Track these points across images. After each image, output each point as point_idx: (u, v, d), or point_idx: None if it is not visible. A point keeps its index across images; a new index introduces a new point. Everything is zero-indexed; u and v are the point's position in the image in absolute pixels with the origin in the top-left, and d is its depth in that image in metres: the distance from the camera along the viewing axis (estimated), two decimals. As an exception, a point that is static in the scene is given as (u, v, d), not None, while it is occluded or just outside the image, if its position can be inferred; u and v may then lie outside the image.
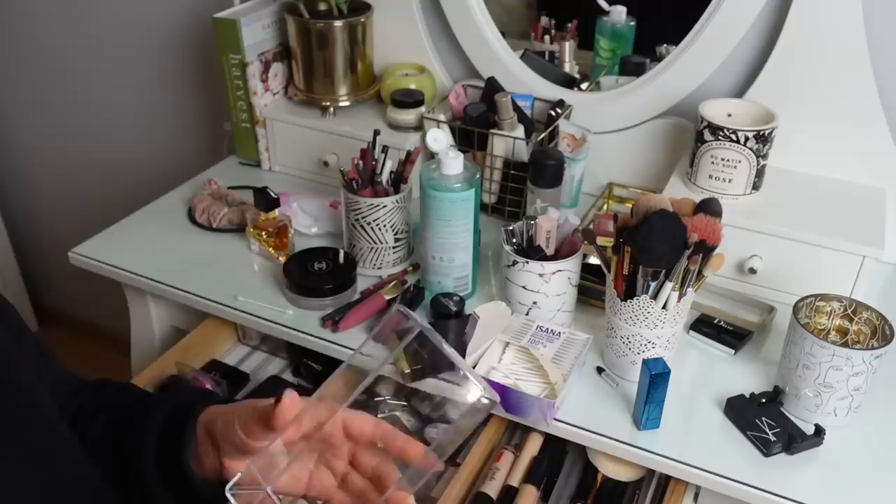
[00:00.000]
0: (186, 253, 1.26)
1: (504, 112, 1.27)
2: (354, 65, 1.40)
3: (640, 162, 1.34)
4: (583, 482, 1.04)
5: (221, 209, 1.32)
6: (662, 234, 0.91)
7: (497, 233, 1.12)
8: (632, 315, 0.95)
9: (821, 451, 0.92)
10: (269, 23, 1.42)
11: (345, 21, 1.36)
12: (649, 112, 1.30)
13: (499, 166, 1.30)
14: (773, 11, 1.17)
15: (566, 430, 0.95)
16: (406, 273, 1.20)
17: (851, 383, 0.91)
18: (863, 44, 1.10)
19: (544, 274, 1.02)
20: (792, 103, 1.17)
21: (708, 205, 0.96)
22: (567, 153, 1.26)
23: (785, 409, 0.96)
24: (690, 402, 0.99)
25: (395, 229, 1.16)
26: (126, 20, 1.80)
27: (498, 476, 1.01)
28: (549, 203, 1.18)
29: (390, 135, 1.35)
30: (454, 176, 1.07)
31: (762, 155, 1.12)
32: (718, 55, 1.21)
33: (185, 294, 1.17)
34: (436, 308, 1.09)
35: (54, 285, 2.48)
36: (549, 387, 0.96)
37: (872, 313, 0.95)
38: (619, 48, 1.36)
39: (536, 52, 1.40)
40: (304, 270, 1.15)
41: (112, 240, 1.29)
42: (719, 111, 1.17)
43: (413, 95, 1.36)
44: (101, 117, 2.00)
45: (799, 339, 0.92)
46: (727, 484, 0.88)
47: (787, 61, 1.16)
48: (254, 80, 1.41)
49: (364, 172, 1.15)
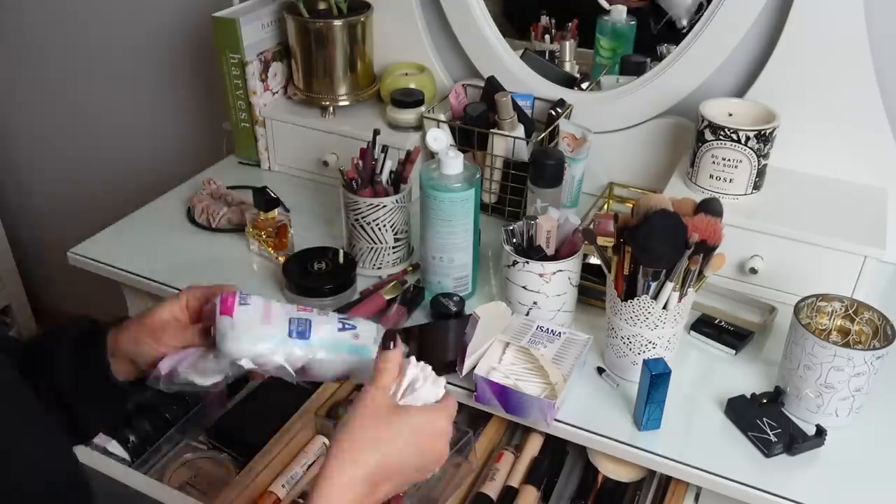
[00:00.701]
0: (186, 253, 1.26)
1: (504, 112, 1.26)
2: (354, 64, 1.40)
3: (641, 162, 1.34)
4: (583, 483, 1.04)
5: (221, 209, 1.31)
6: (663, 234, 0.91)
7: (497, 233, 1.12)
8: (632, 315, 0.95)
9: (822, 451, 0.91)
10: (268, 22, 1.42)
11: (344, 20, 1.35)
12: (650, 112, 1.29)
13: (499, 166, 1.30)
14: (774, 11, 1.17)
15: (566, 431, 0.95)
16: (406, 273, 1.20)
17: (853, 384, 0.90)
18: (864, 43, 1.10)
19: (544, 274, 1.02)
20: (793, 103, 1.16)
21: (709, 205, 0.95)
22: (567, 153, 1.26)
23: (786, 410, 0.96)
24: (691, 402, 0.98)
25: (394, 229, 1.16)
26: (125, 20, 1.79)
27: (498, 477, 1.00)
28: (550, 203, 1.17)
29: (390, 134, 1.35)
30: (454, 176, 1.06)
31: (763, 155, 1.12)
32: (719, 54, 1.21)
33: (184, 294, 1.17)
34: (436, 308, 1.09)
35: (53, 285, 2.48)
36: (549, 387, 0.96)
37: (874, 313, 0.95)
38: (620, 47, 1.36)
39: (537, 52, 1.40)
40: (304, 270, 1.15)
41: (111, 240, 1.29)
42: (720, 111, 1.17)
43: (413, 95, 1.35)
44: (100, 117, 2.00)
45: (800, 339, 0.92)
46: (728, 485, 0.88)
47: (788, 61, 1.16)
48: (253, 79, 1.41)
49: (364, 172, 1.15)
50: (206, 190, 1.38)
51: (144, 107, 1.91)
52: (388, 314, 1.09)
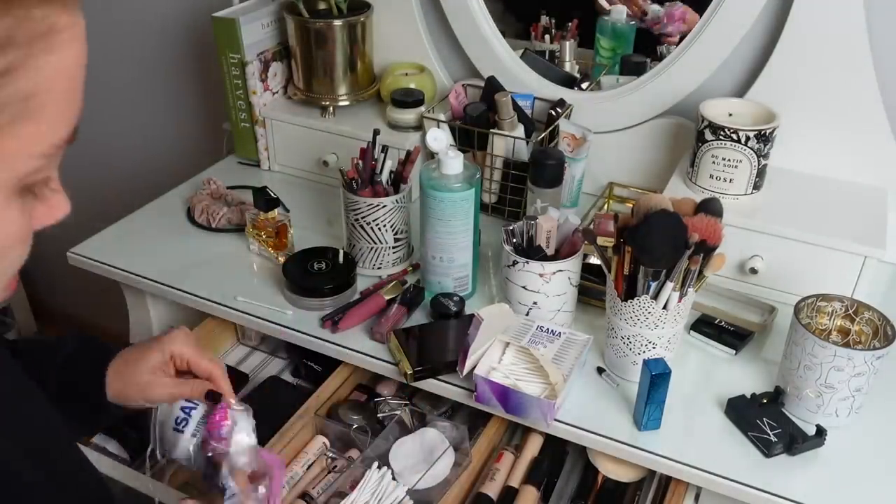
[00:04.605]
0: (185, 253, 1.26)
1: (504, 112, 1.26)
2: (354, 64, 1.40)
3: (641, 162, 1.34)
4: (583, 483, 1.04)
5: (221, 209, 1.31)
6: (663, 234, 0.91)
7: (497, 233, 1.12)
8: (632, 315, 0.95)
9: (822, 451, 0.91)
10: (268, 22, 1.42)
11: (344, 20, 1.35)
12: (650, 112, 1.29)
13: (499, 166, 1.30)
14: (774, 10, 1.16)
15: (566, 431, 0.95)
16: (406, 273, 1.20)
17: (853, 384, 0.90)
18: (864, 43, 1.10)
19: (544, 274, 1.02)
20: (793, 103, 1.16)
21: (709, 205, 0.95)
22: (567, 153, 1.26)
23: (786, 410, 0.96)
24: (691, 402, 0.98)
25: (394, 229, 1.16)
26: (125, 20, 1.79)
27: (498, 477, 1.00)
28: (550, 203, 1.17)
29: (390, 134, 1.35)
30: (454, 176, 1.06)
31: (763, 155, 1.12)
32: (719, 54, 1.20)
33: (183, 294, 1.17)
34: (436, 308, 1.09)
35: (53, 285, 2.48)
36: (549, 387, 0.96)
37: (874, 313, 0.95)
38: (620, 47, 1.36)
39: (537, 52, 1.40)
40: (304, 270, 1.15)
41: (111, 240, 1.29)
42: (720, 111, 1.16)
43: (413, 95, 1.35)
44: (100, 116, 2.00)
45: (800, 339, 0.92)
46: (728, 485, 0.88)
47: (788, 61, 1.16)
48: (253, 79, 1.40)
49: (364, 172, 1.15)
50: (206, 190, 1.38)
51: (144, 107, 1.91)
52: (388, 314, 1.09)
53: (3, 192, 0.43)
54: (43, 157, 0.43)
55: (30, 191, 0.45)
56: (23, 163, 0.43)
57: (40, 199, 0.47)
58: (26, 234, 0.46)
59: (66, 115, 0.44)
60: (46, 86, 0.42)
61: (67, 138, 0.45)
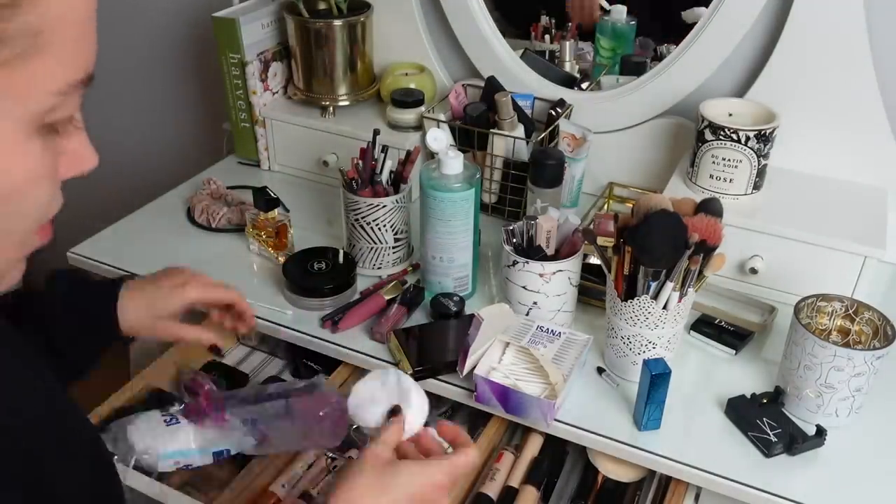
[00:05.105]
0: (185, 253, 1.26)
1: (504, 112, 1.26)
2: (354, 64, 1.40)
3: (641, 162, 1.34)
4: (583, 483, 1.04)
5: (221, 209, 1.31)
6: (663, 234, 0.91)
7: (497, 233, 1.12)
8: (632, 315, 0.95)
9: (822, 451, 0.91)
10: (268, 22, 1.42)
11: (344, 20, 1.35)
12: (650, 112, 1.29)
13: (499, 166, 1.30)
14: (774, 10, 1.16)
15: (566, 431, 0.95)
16: (406, 273, 1.20)
17: (853, 384, 0.90)
18: (864, 43, 1.10)
19: (544, 274, 1.02)
20: (793, 103, 1.16)
21: (709, 205, 0.95)
22: (567, 153, 1.26)
23: (786, 410, 0.96)
24: (691, 402, 0.98)
25: (394, 229, 1.16)
26: (125, 19, 1.79)
27: (498, 477, 1.00)
28: (550, 203, 1.17)
29: (390, 134, 1.35)
30: (454, 176, 1.06)
31: (763, 155, 1.12)
32: (719, 54, 1.20)
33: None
34: (436, 308, 1.09)
35: (53, 285, 2.48)
36: (549, 387, 0.96)
37: (874, 313, 0.95)
38: (620, 47, 1.36)
39: (536, 52, 1.40)
40: (304, 270, 1.14)
41: (111, 240, 1.29)
42: (720, 111, 1.16)
43: (413, 95, 1.35)
44: (100, 116, 1.99)
45: (800, 339, 0.92)
46: (728, 485, 0.88)
47: (788, 61, 1.16)
48: (253, 79, 1.41)
49: (364, 172, 1.15)
50: (206, 190, 1.38)
51: (144, 106, 1.91)
52: (388, 314, 1.09)
53: (23, 128, 0.43)
54: (59, 94, 0.43)
55: (53, 129, 0.45)
56: (37, 99, 0.43)
57: (64, 136, 0.47)
58: (51, 172, 0.46)
59: (77, 55, 0.44)
60: (54, 23, 0.42)
61: (83, 80, 0.44)
